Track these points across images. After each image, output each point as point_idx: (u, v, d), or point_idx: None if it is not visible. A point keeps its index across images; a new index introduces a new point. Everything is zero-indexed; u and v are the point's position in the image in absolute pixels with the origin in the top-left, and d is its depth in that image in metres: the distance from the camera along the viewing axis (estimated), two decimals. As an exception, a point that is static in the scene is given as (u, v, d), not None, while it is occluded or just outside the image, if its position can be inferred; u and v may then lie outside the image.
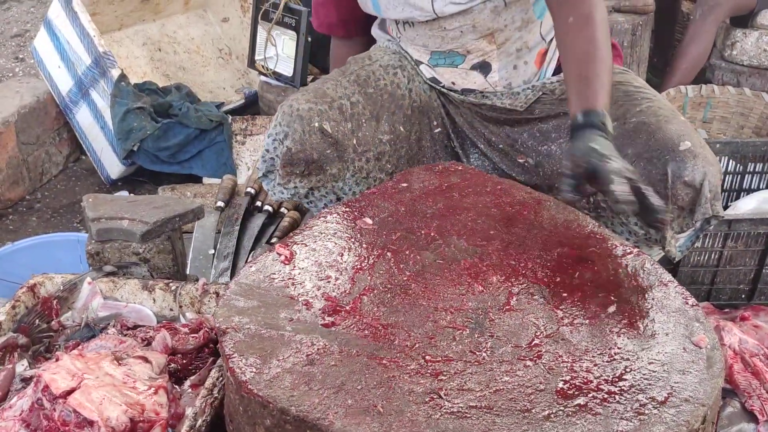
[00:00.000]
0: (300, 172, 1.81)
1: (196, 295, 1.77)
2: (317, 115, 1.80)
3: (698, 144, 1.67)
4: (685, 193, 1.63)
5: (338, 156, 1.82)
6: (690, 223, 1.67)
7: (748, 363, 1.92)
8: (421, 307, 1.30)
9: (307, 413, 1.07)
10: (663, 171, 1.64)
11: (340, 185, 1.87)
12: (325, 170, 1.82)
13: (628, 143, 1.70)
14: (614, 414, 1.06)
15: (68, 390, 1.36)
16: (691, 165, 1.62)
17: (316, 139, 1.79)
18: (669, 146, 1.66)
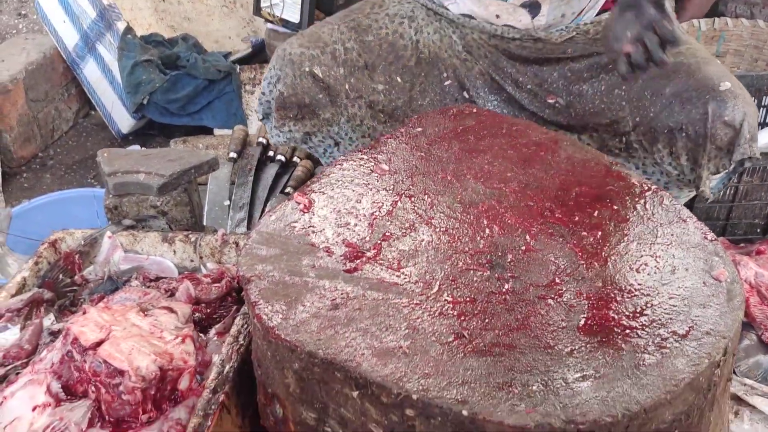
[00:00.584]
0: (293, 116, 1.83)
1: (216, 246, 1.79)
2: (308, 59, 1.80)
3: (737, 85, 1.67)
4: (725, 133, 1.63)
5: (331, 101, 1.82)
6: (727, 163, 1.67)
7: (764, 296, 1.94)
8: (441, 251, 1.31)
9: (334, 356, 1.09)
10: (703, 110, 1.63)
11: (336, 130, 1.87)
12: (318, 115, 1.83)
13: (666, 82, 1.69)
14: (636, 348, 1.08)
15: (97, 341, 1.38)
16: (732, 105, 1.62)
17: (307, 83, 1.80)
18: (709, 86, 1.65)
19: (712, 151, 1.66)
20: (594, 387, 1.02)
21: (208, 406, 1.29)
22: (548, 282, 1.23)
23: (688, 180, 1.74)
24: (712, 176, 1.72)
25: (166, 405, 1.38)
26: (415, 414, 1.04)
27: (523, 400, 1.00)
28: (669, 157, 1.72)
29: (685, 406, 1.05)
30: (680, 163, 1.72)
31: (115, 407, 1.34)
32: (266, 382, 1.26)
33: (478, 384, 1.03)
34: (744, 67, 3.26)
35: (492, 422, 0.98)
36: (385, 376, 1.06)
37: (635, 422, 1.00)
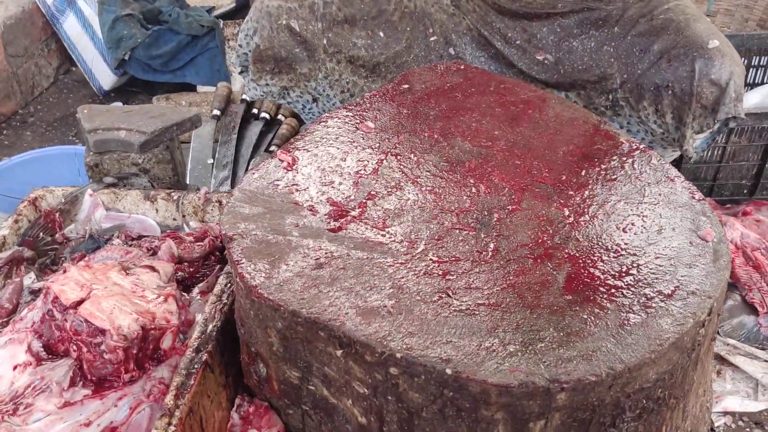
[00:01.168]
0: (270, 69, 1.80)
1: (199, 204, 1.76)
2: (285, 12, 1.77)
3: (725, 43, 1.65)
4: (710, 91, 1.62)
5: (308, 55, 1.79)
6: (711, 122, 1.66)
7: (749, 257, 1.94)
8: (427, 210, 1.30)
9: (318, 315, 1.08)
10: (690, 68, 1.62)
11: (314, 85, 1.85)
12: (295, 69, 1.81)
13: (654, 39, 1.67)
14: (621, 307, 1.07)
15: (78, 300, 1.36)
16: (719, 63, 1.61)
17: (284, 36, 1.77)
18: (698, 43, 1.63)
19: (697, 110, 1.65)
20: (578, 346, 1.01)
21: (191, 365, 1.28)
22: (534, 242, 1.22)
23: (672, 139, 1.73)
24: (696, 135, 1.71)
25: (149, 364, 1.36)
26: (399, 372, 1.03)
27: (507, 359, 1.00)
28: (654, 115, 1.71)
29: (669, 365, 1.05)
30: (665, 121, 1.71)
31: (96, 366, 1.33)
32: (249, 341, 1.25)
33: (462, 343, 1.03)
34: (734, 27, 3.23)
35: (475, 381, 0.97)
36: (369, 335, 1.05)
37: (619, 381, 1.00)
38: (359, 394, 1.11)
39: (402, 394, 1.05)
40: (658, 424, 1.12)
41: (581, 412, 1.01)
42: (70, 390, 1.32)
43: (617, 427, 1.06)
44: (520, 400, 0.98)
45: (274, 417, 1.34)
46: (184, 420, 1.19)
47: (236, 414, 1.36)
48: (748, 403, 1.72)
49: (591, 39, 1.80)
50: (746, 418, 1.70)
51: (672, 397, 1.11)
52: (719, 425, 1.67)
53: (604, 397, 1.01)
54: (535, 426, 1.02)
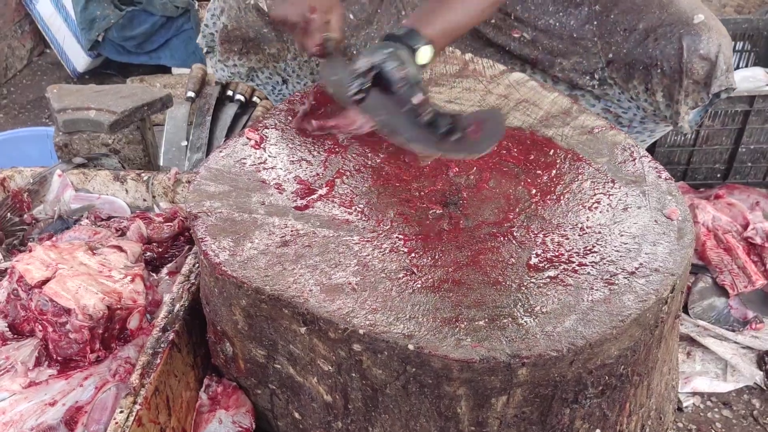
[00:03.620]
0: (238, 50, 1.77)
1: (169, 185, 1.75)
2: None
3: (710, 16, 1.64)
4: (701, 66, 1.61)
5: (276, 36, 1.76)
6: (705, 97, 1.65)
7: (720, 240, 1.96)
8: (395, 188, 1.29)
9: (282, 292, 1.07)
10: (678, 45, 1.61)
11: (283, 66, 1.82)
12: (264, 50, 1.77)
13: (638, 17, 1.66)
14: (584, 284, 1.08)
15: (43, 280, 1.35)
16: (706, 38, 1.59)
17: (251, 17, 1.73)
18: (683, 19, 1.61)
19: (689, 86, 1.64)
20: (540, 322, 1.02)
21: (158, 345, 1.27)
22: (500, 219, 1.22)
23: (663, 116, 1.73)
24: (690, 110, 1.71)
25: (115, 344, 1.35)
26: (362, 349, 1.03)
27: (469, 335, 1.00)
28: (645, 93, 1.70)
29: (631, 341, 1.05)
30: (656, 99, 1.69)
31: (62, 346, 1.32)
32: (215, 319, 1.25)
33: (425, 319, 1.03)
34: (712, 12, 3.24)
35: (437, 356, 0.98)
36: (333, 311, 1.04)
37: (580, 357, 1.00)
38: (324, 372, 1.11)
39: (366, 370, 1.05)
40: (621, 400, 1.13)
41: (543, 387, 1.02)
42: (35, 370, 1.31)
43: (580, 403, 1.07)
44: (482, 376, 0.98)
45: (243, 397, 1.33)
46: (150, 399, 1.19)
47: (204, 394, 1.36)
48: (717, 383, 1.74)
49: (570, 17, 1.77)
50: (715, 399, 1.72)
51: (635, 374, 1.12)
52: (688, 405, 1.69)
53: (565, 373, 1.01)
54: (497, 402, 1.02)
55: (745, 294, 1.86)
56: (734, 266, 1.91)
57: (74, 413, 1.24)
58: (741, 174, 2.31)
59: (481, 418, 1.04)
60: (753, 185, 2.25)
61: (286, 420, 1.27)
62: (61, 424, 1.23)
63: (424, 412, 1.06)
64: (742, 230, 1.96)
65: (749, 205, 2.06)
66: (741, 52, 2.57)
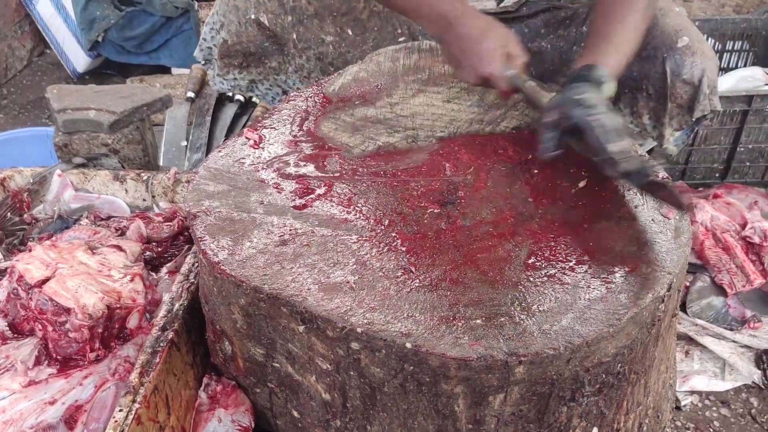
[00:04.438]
0: (238, 64, 1.76)
1: (169, 185, 1.75)
2: (254, 6, 1.71)
3: (696, 38, 1.63)
4: (684, 91, 1.61)
5: (278, 49, 1.75)
6: (689, 120, 1.65)
7: (719, 239, 1.96)
8: (393, 188, 1.30)
9: (280, 291, 1.08)
10: (661, 69, 1.61)
11: (283, 78, 1.81)
12: (265, 63, 1.76)
13: None
14: (581, 283, 1.08)
15: (43, 279, 1.36)
16: (690, 62, 1.59)
17: (252, 31, 1.72)
18: (667, 43, 1.61)
19: (673, 110, 1.64)
20: (537, 320, 1.02)
21: (157, 344, 1.28)
22: (498, 218, 1.22)
23: (651, 136, 1.73)
24: (675, 132, 1.71)
25: (115, 343, 1.36)
26: (360, 347, 1.03)
27: (467, 333, 1.00)
28: (630, 116, 1.70)
29: (628, 340, 1.06)
30: (642, 121, 1.69)
31: (62, 345, 1.32)
32: (214, 318, 1.25)
33: (423, 318, 1.03)
34: (711, 12, 3.25)
35: (435, 354, 0.98)
36: (331, 310, 1.05)
37: (577, 355, 1.01)
38: (322, 371, 1.12)
39: (364, 369, 1.06)
40: (618, 399, 1.13)
41: (540, 386, 1.02)
42: (35, 369, 1.31)
43: (577, 401, 1.07)
44: (479, 374, 0.99)
45: (242, 396, 1.34)
46: (149, 398, 1.19)
47: (203, 393, 1.36)
48: (715, 382, 1.74)
49: (560, 39, 1.78)
50: (713, 397, 1.72)
51: (632, 373, 1.12)
52: (686, 404, 1.69)
53: (562, 371, 1.01)
54: (494, 400, 1.02)
55: (743, 293, 1.87)
56: (732, 265, 1.91)
57: (74, 412, 1.24)
58: (739, 173, 2.32)
59: (479, 416, 1.05)
60: (751, 185, 2.25)
61: (285, 419, 1.27)
62: (60, 422, 1.23)
63: (422, 410, 1.06)
64: (740, 229, 1.97)
65: (747, 204, 2.06)
66: (739, 52, 2.58)
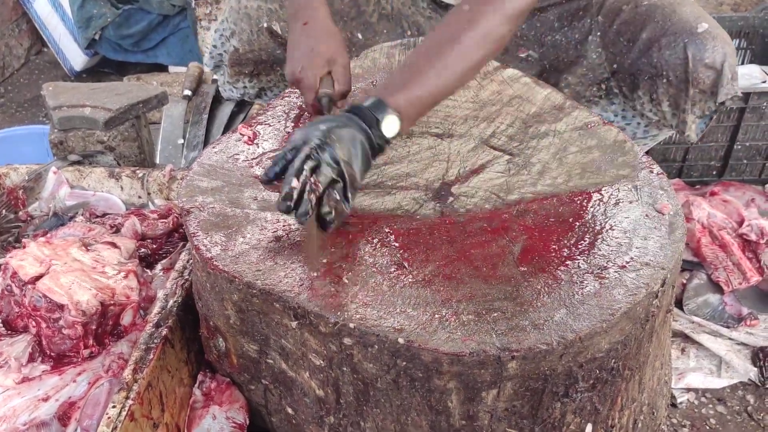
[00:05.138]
0: (249, 72, 1.75)
1: (164, 182, 1.75)
2: (266, 14, 1.71)
3: (714, 25, 1.63)
4: (707, 75, 1.60)
5: None
6: (712, 105, 1.64)
7: (715, 236, 1.96)
8: (387, 182, 1.29)
9: (273, 286, 1.08)
10: (683, 55, 1.60)
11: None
12: (276, 71, 1.75)
13: (641, 26, 1.65)
14: (575, 278, 1.08)
15: (36, 276, 1.35)
16: (711, 47, 1.59)
17: (264, 39, 1.71)
18: (687, 28, 1.61)
19: (695, 95, 1.63)
20: (530, 315, 1.02)
21: (151, 340, 1.27)
22: (491, 213, 1.22)
23: (669, 124, 1.72)
24: (697, 119, 1.70)
25: (109, 340, 1.36)
26: (352, 343, 1.03)
27: (459, 329, 1.00)
28: (650, 103, 1.70)
29: (621, 335, 1.06)
30: (661, 109, 1.69)
31: (55, 342, 1.32)
32: (207, 314, 1.25)
33: (415, 313, 1.03)
34: (709, 10, 3.24)
35: (427, 350, 0.98)
36: (323, 305, 1.04)
37: (571, 350, 1.00)
38: (316, 366, 1.11)
39: (357, 364, 1.05)
40: (612, 395, 1.13)
41: (533, 381, 1.02)
42: (29, 365, 1.31)
43: (571, 397, 1.07)
44: (472, 369, 0.99)
45: (236, 392, 1.33)
46: (143, 394, 1.19)
47: (198, 390, 1.36)
48: (711, 379, 1.74)
49: (575, 30, 1.77)
50: (709, 395, 1.72)
51: (626, 369, 1.12)
52: (682, 401, 1.69)
53: (555, 367, 1.01)
54: (487, 395, 1.02)
55: (739, 290, 1.86)
56: (729, 263, 1.91)
57: (67, 408, 1.24)
58: (736, 171, 2.31)
59: (472, 411, 1.04)
60: (748, 182, 2.25)
61: (280, 415, 1.27)
62: (54, 419, 1.23)
63: (415, 406, 1.06)
64: (737, 227, 1.96)
65: (744, 202, 2.06)
66: (737, 50, 2.57)
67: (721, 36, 1.62)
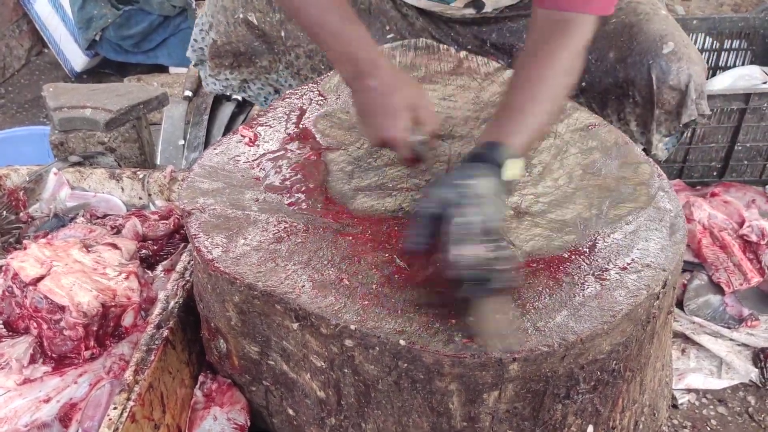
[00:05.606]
0: (229, 64, 1.75)
1: (165, 183, 1.75)
2: (242, 5, 1.71)
3: (681, 43, 1.61)
4: (671, 97, 1.60)
5: (267, 48, 1.74)
6: (677, 125, 1.64)
7: (716, 237, 1.96)
8: (388, 183, 1.29)
9: (274, 288, 1.08)
10: (647, 76, 1.59)
11: (275, 77, 1.79)
12: (255, 62, 1.75)
13: (608, 45, 1.63)
14: (576, 280, 1.08)
15: (37, 277, 1.35)
16: (675, 68, 1.57)
17: (242, 30, 1.71)
18: (652, 49, 1.59)
19: (660, 116, 1.63)
20: (532, 317, 1.02)
21: (152, 341, 1.27)
22: (494, 216, 1.22)
23: (639, 142, 1.72)
24: (664, 138, 1.70)
25: (110, 341, 1.36)
26: (354, 344, 1.03)
27: (461, 331, 1.00)
28: (618, 122, 1.69)
29: (623, 337, 1.06)
30: (629, 128, 1.68)
31: (56, 343, 1.32)
32: (209, 316, 1.25)
33: (417, 315, 1.03)
34: (709, 10, 3.25)
35: (429, 352, 0.98)
36: (325, 307, 1.05)
37: (572, 352, 1.00)
38: (317, 368, 1.11)
39: (358, 366, 1.06)
40: (614, 396, 1.13)
41: (535, 383, 1.02)
42: (30, 367, 1.31)
43: (572, 398, 1.07)
44: (473, 371, 0.99)
45: (237, 394, 1.34)
46: (144, 396, 1.19)
47: (199, 391, 1.36)
48: (711, 380, 1.74)
49: None
50: (710, 396, 1.72)
51: (628, 370, 1.12)
52: (683, 402, 1.69)
53: (557, 368, 1.01)
54: (488, 397, 1.02)
55: (740, 291, 1.86)
56: (730, 264, 1.91)
57: (68, 410, 1.24)
58: (737, 172, 2.31)
59: (473, 413, 1.05)
60: (749, 183, 2.25)
61: (281, 417, 1.27)
62: (55, 420, 1.23)
63: (417, 407, 1.06)
64: (737, 228, 1.96)
65: (745, 202, 2.06)
66: (737, 51, 2.57)
67: (687, 55, 1.59)
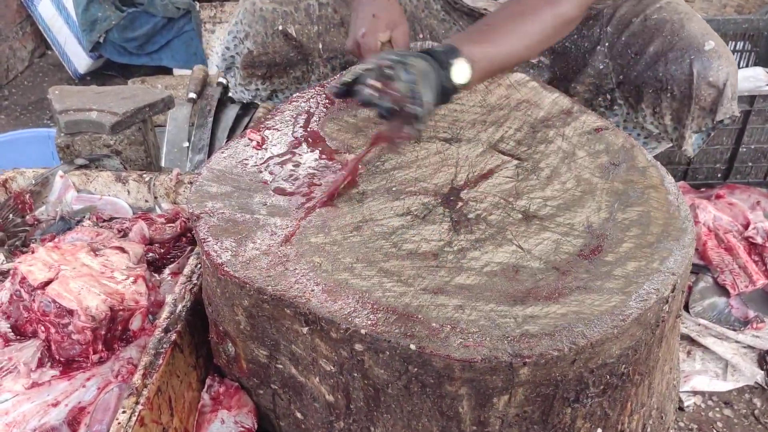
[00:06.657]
0: (261, 75, 1.75)
1: (171, 186, 1.75)
2: (281, 17, 1.71)
3: (721, 44, 1.65)
4: (708, 93, 1.62)
5: (303, 59, 1.75)
6: (709, 122, 1.67)
7: (721, 239, 1.96)
8: (396, 187, 1.29)
9: (284, 292, 1.08)
10: (688, 71, 1.62)
11: (305, 87, 1.80)
12: (289, 73, 1.76)
13: (648, 40, 1.66)
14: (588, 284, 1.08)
15: (45, 281, 1.35)
16: (716, 65, 1.61)
17: (279, 42, 1.71)
18: (694, 45, 1.63)
19: (695, 111, 1.65)
20: (542, 321, 1.02)
21: (160, 345, 1.28)
22: (499, 221, 1.22)
23: (670, 138, 1.74)
24: (693, 134, 1.72)
25: (118, 345, 1.36)
26: (364, 349, 1.03)
27: (472, 335, 1.00)
28: (652, 116, 1.71)
29: (632, 341, 1.06)
30: (663, 122, 1.70)
31: (64, 347, 1.32)
32: (217, 320, 1.25)
33: (426, 319, 1.03)
34: (713, 12, 3.24)
35: (439, 356, 0.98)
36: (335, 311, 1.05)
37: (582, 356, 1.00)
38: (326, 372, 1.11)
39: (368, 370, 1.06)
40: (623, 400, 1.13)
41: (545, 387, 1.02)
42: (38, 371, 1.31)
43: (581, 402, 1.07)
44: (484, 375, 0.99)
45: (245, 397, 1.34)
46: (152, 399, 1.19)
47: (206, 394, 1.36)
48: (716, 382, 1.74)
49: (584, 39, 1.78)
50: (716, 398, 1.72)
51: (636, 374, 1.12)
52: (689, 404, 1.69)
53: (567, 373, 1.01)
54: (499, 401, 1.02)
55: (746, 293, 1.87)
56: (735, 266, 1.91)
57: (77, 414, 1.24)
58: (742, 174, 2.32)
59: (483, 417, 1.05)
60: (754, 185, 2.25)
61: (289, 420, 1.27)
62: (63, 424, 1.23)
63: (426, 411, 1.06)
64: (743, 230, 1.97)
65: (750, 204, 2.06)
66: (741, 52, 2.58)
67: (726, 55, 1.63)
